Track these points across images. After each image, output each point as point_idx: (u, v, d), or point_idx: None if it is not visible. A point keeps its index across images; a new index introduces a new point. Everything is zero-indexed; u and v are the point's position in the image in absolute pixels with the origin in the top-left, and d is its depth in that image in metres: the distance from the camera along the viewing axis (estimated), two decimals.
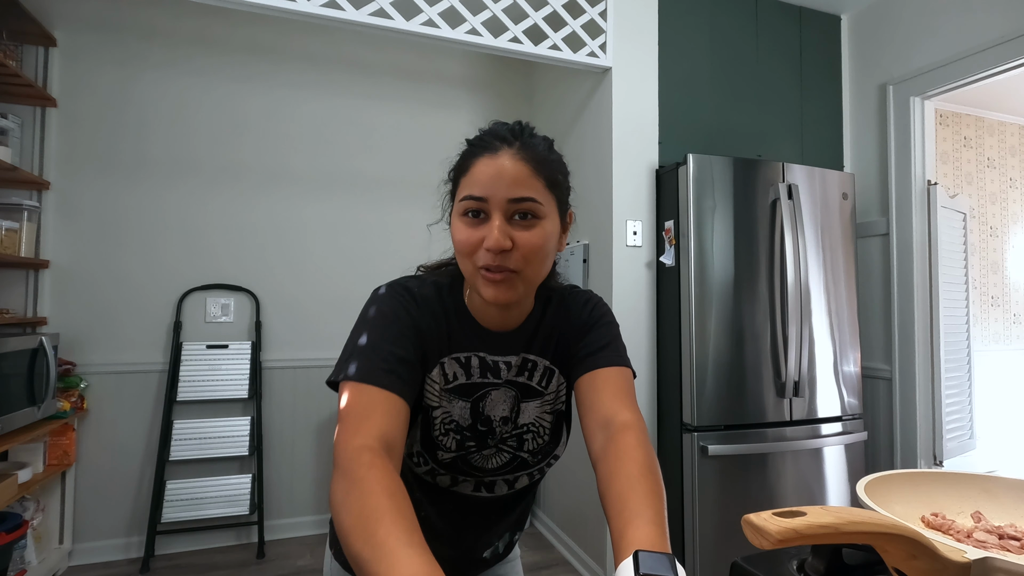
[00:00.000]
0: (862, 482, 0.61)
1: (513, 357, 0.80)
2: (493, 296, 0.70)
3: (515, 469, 0.82)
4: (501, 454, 0.80)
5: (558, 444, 0.84)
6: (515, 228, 0.69)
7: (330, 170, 2.94)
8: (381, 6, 1.98)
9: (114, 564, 2.47)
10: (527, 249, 0.69)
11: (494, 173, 0.69)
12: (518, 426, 0.81)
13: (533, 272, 0.72)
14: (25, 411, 2.04)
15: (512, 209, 0.69)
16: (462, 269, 0.74)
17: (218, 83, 2.77)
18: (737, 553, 0.77)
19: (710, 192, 2.15)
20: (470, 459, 0.79)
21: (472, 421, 0.79)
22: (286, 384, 2.82)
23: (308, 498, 2.83)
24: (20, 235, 2.30)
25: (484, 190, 0.69)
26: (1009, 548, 0.55)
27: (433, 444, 0.78)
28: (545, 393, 0.82)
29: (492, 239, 0.67)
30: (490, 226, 0.68)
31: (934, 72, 2.33)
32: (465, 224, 0.71)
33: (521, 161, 0.70)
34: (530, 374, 0.81)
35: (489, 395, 0.79)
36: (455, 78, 3.20)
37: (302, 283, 2.88)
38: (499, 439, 0.80)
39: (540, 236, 0.70)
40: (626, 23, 2.33)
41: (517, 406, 0.81)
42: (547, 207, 0.71)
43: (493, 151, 0.70)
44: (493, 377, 0.79)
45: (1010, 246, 3.81)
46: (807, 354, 2.21)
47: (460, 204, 0.71)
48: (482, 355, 0.79)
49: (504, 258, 0.69)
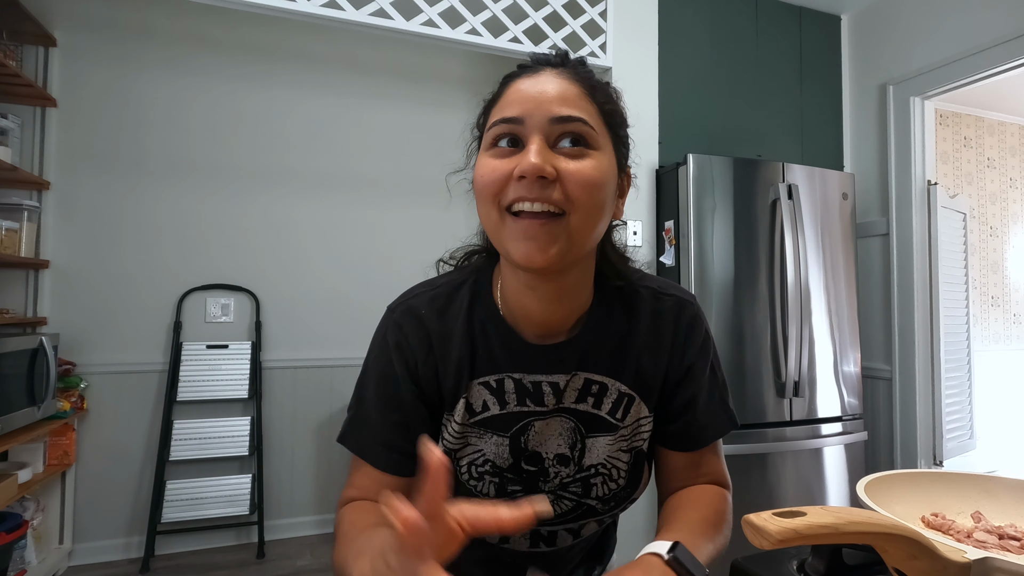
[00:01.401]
0: (862, 482, 0.61)
1: (563, 376, 0.61)
2: (527, 253, 0.51)
3: (580, 518, 0.65)
4: (561, 502, 0.64)
5: (637, 488, 0.66)
6: (560, 157, 0.52)
7: (330, 170, 2.94)
8: (381, 6, 1.98)
9: (114, 564, 2.47)
10: (577, 182, 0.51)
11: (534, 91, 0.53)
12: (583, 468, 0.63)
13: (584, 219, 0.52)
14: (25, 411, 2.04)
15: (557, 131, 0.52)
16: (486, 225, 0.56)
17: (218, 82, 2.77)
18: (737, 553, 0.77)
19: (710, 192, 2.16)
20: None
21: (514, 460, 0.62)
22: (286, 384, 2.82)
23: (308, 498, 2.83)
24: (20, 235, 2.30)
25: (520, 108, 0.53)
26: (1009, 548, 0.55)
27: (466, 491, 0.63)
28: (620, 426, 0.63)
29: (527, 162, 0.50)
30: (526, 151, 0.51)
31: (934, 72, 2.33)
32: (492, 156, 0.54)
33: (569, 80, 0.55)
34: (596, 400, 0.62)
35: (532, 426, 0.62)
36: (455, 78, 3.20)
37: (302, 283, 2.88)
38: (557, 484, 0.63)
39: (595, 167, 0.52)
40: (626, 23, 2.33)
41: (580, 442, 0.63)
42: (602, 139, 0.54)
43: (534, 71, 0.56)
44: (535, 404, 0.62)
45: (1010, 246, 3.81)
46: (807, 354, 2.21)
47: (488, 134, 0.55)
48: (518, 376, 0.62)
49: (544, 188, 0.50)
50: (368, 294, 2.97)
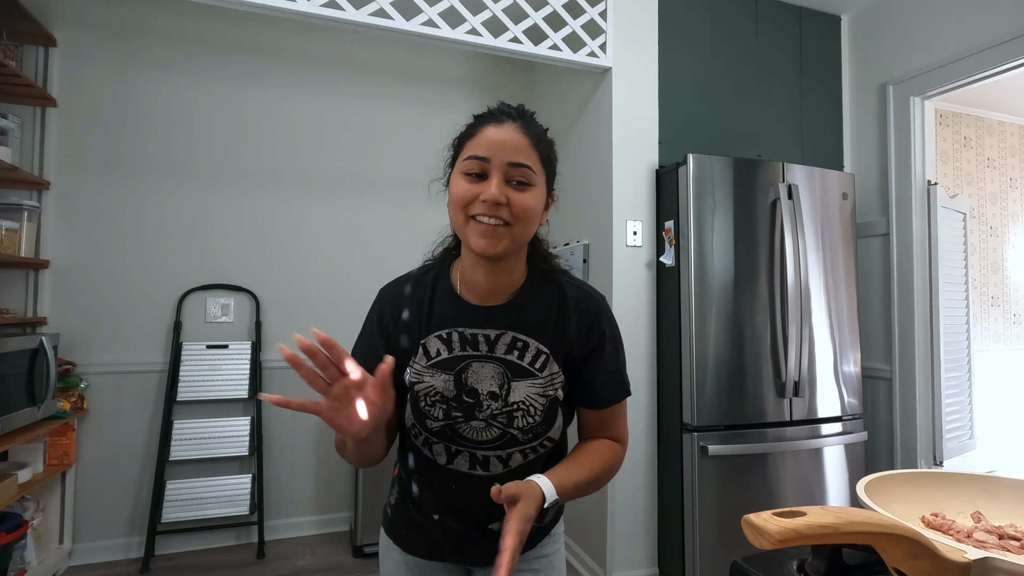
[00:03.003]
0: (862, 482, 0.61)
1: (494, 331, 0.85)
2: (483, 245, 0.77)
3: (506, 445, 0.85)
4: (491, 428, 0.84)
5: (551, 427, 0.86)
6: (511, 189, 0.78)
7: (330, 170, 2.94)
8: (381, 6, 1.98)
9: (114, 564, 2.47)
10: (519, 207, 0.78)
11: (499, 139, 0.78)
12: (508, 404, 0.84)
13: (521, 229, 0.80)
14: (25, 411, 2.04)
15: (510, 173, 0.78)
16: (454, 223, 0.82)
17: (218, 83, 2.77)
18: (737, 553, 0.77)
19: (710, 192, 2.15)
20: (458, 428, 0.84)
21: (457, 392, 0.84)
22: (286, 384, 2.82)
23: (308, 498, 2.83)
24: (20, 235, 2.30)
25: (488, 151, 0.78)
26: (1009, 548, 0.55)
27: (422, 415, 0.85)
28: (538, 375, 0.85)
29: (490, 192, 0.76)
30: (489, 182, 0.77)
31: (934, 72, 2.33)
32: (465, 180, 0.79)
33: (523, 134, 0.80)
34: (520, 354, 0.85)
35: (470, 367, 0.84)
36: (455, 78, 3.20)
37: (302, 283, 2.88)
38: (488, 414, 0.84)
39: (531, 199, 0.79)
40: (626, 23, 2.33)
41: (507, 384, 0.84)
42: (538, 177, 0.81)
43: (499, 121, 0.81)
44: (472, 350, 0.85)
45: (1010, 246, 3.81)
46: (807, 354, 2.21)
47: (464, 163, 0.79)
48: (461, 329, 0.85)
49: (497, 211, 0.77)
50: (368, 293, 2.95)
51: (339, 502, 2.88)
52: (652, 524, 2.28)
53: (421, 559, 0.94)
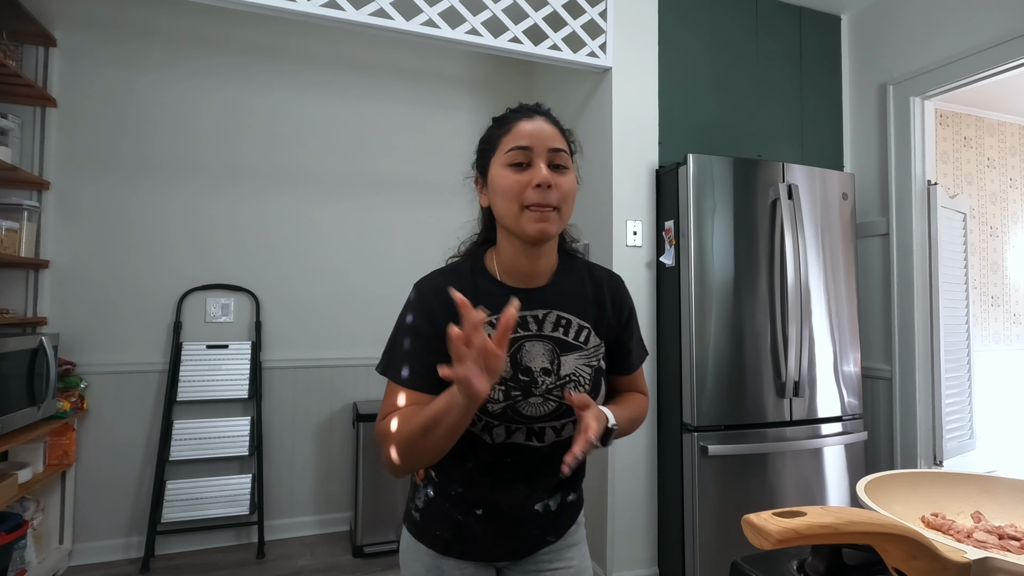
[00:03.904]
0: (862, 482, 0.61)
1: (541, 310, 0.91)
2: (539, 229, 0.83)
3: (561, 416, 0.90)
4: (547, 403, 0.89)
5: (598, 395, 0.93)
6: (553, 174, 0.84)
7: (330, 170, 2.94)
8: (381, 6, 1.98)
9: (114, 564, 2.47)
10: (564, 189, 0.85)
11: (536, 129, 0.85)
12: (560, 377, 0.90)
13: (566, 212, 0.87)
14: (25, 411, 2.04)
15: (551, 158, 0.85)
16: (505, 214, 0.86)
17: (218, 83, 2.77)
18: (737, 553, 0.77)
19: (710, 192, 2.15)
20: (518, 407, 0.88)
21: (513, 371, 0.88)
22: (286, 384, 2.82)
23: (308, 498, 2.83)
24: (20, 235, 2.30)
25: (529, 140, 0.84)
26: (1009, 548, 0.55)
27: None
28: (584, 347, 0.93)
29: (542, 175, 0.82)
30: (536, 168, 0.84)
31: (934, 72, 2.33)
32: (511, 171, 0.85)
33: (552, 124, 0.88)
34: (565, 330, 0.92)
35: (524, 346, 0.89)
36: (455, 78, 3.20)
37: (302, 283, 2.88)
38: (544, 389, 0.89)
39: (572, 181, 0.87)
40: (626, 23, 2.33)
41: (557, 359, 0.90)
42: (570, 163, 0.89)
43: (529, 115, 0.88)
44: (523, 330, 0.89)
45: (1010, 246, 3.81)
46: (807, 354, 2.21)
47: (507, 155, 0.85)
48: None
49: (548, 195, 0.83)
50: (368, 293, 2.97)
51: (339, 502, 2.88)
52: (652, 524, 2.28)
53: (454, 559, 0.95)
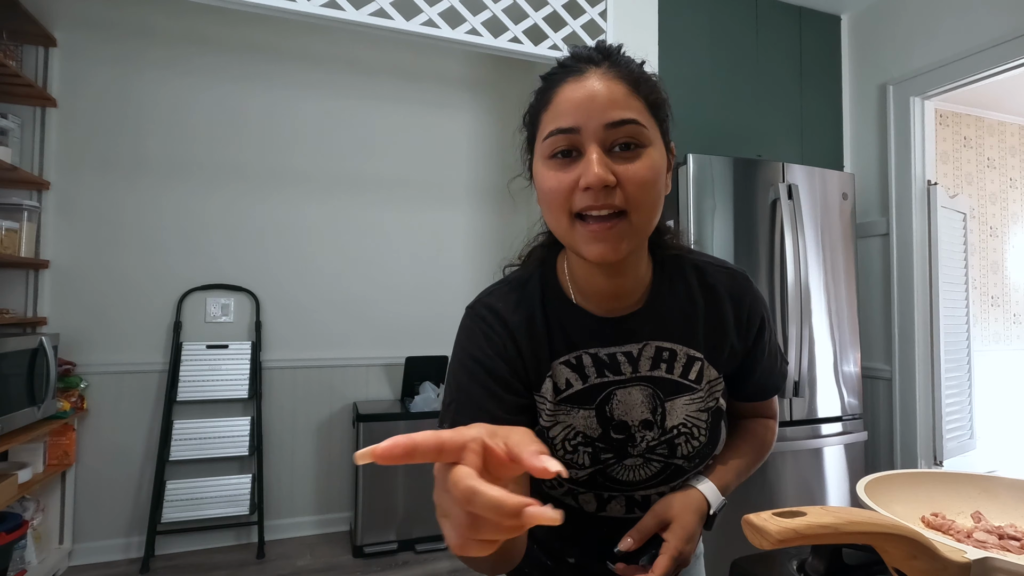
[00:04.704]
0: (862, 482, 0.61)
1: (634, 346, 0.66)
2: (600, 253, 0.56)
3: (669, 479, 0.69)
4: (650, 464, 0.68)
5: (716, 444, 0.71)
6: (616, 161, 0.56)
7: (330, 170, 2.94)
8: (381, 6, 1.98)
9: (114, 564, 2.47)
10: (635, 183, 0.56)
11: (584, 96, 0.56)
12: (666, 430, 0.67)
13: (645, 215, 0.58)
14: (25, 411, 2.04)
15: (611, 137, 0.56)
16: (555, 229, 0.61)
17: (218, 83, 2.77)
18: (737, 553, 0.77)
19: (710, 192, 2.15)
20: (610, 472, 0.67)
21: (603, 430, 0.67)
22: (286, 384, 2.82)
23: (308, 498, 2.83)
24: (20, 235, 2.30)
25: (574, 118, 0.56)
26: (1009, 548, 0.55)
27: (565, 464, 0.65)
28: (696, 388, 0.68)
29: (591, 174, 0.54)
30: (586, 160, 0.55)
31: (934, 72, 2.33)
32: (553, 167, 0.58)
33: (615, 79, 0.57)
34: (669, 366, 0.67)
35: (614, 396, 0.67)
36: (455, 78, 3.20)
37: (302, 283, 2.88)
38: (644, 447, 0.67)
39: (648, 167, 0.57)
40: (626, 23, 2.33)
41: (660, 406, 0.67)
42: (650, 132, 0.58)
43: (579, 73, 0.58)
44: (613, 374, 0.66)
45: (1010, 246, 3.81)
46: (807, 354, 2.21)
47: (544, 143, 0.58)
48: (594, 350, 0.66)
49: (607, 196, 0.55)
50: (368, 294, 2.97)
51: (339, 502, 2.88)
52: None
53: None
